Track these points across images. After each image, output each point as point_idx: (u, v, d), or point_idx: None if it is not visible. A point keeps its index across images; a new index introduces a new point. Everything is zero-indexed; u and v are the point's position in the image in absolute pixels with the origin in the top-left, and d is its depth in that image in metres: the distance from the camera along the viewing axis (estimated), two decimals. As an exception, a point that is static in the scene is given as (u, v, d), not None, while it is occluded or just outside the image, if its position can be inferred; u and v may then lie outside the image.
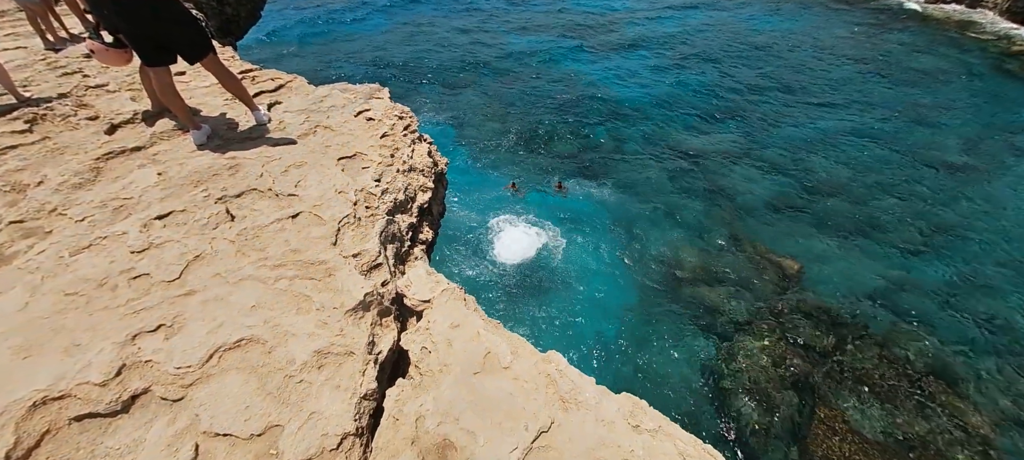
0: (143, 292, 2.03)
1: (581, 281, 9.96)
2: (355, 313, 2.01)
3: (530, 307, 9.40)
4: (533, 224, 11.28)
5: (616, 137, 15.42)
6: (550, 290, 9.73)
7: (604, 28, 26.96)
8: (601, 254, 10.62)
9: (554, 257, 10.43)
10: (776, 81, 19.74)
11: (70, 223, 2.42)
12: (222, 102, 3.55)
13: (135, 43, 2.71)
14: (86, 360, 1.78)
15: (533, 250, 10.51)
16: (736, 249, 10.71)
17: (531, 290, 9.71)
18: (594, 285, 9.88)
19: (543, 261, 10.33)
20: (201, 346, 1.82)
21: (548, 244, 10.73)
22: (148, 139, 2.96)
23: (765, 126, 16.05)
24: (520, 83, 19.36)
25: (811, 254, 10.59)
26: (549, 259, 10.38)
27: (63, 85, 3.66)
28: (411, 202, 3.14)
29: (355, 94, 3.99)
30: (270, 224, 2.36)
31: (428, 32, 25.65)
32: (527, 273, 10.07)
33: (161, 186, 2.55)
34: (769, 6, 31.43)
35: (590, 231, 11.26)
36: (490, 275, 10.05)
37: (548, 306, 9.41)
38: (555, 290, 9.73)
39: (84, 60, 4.29)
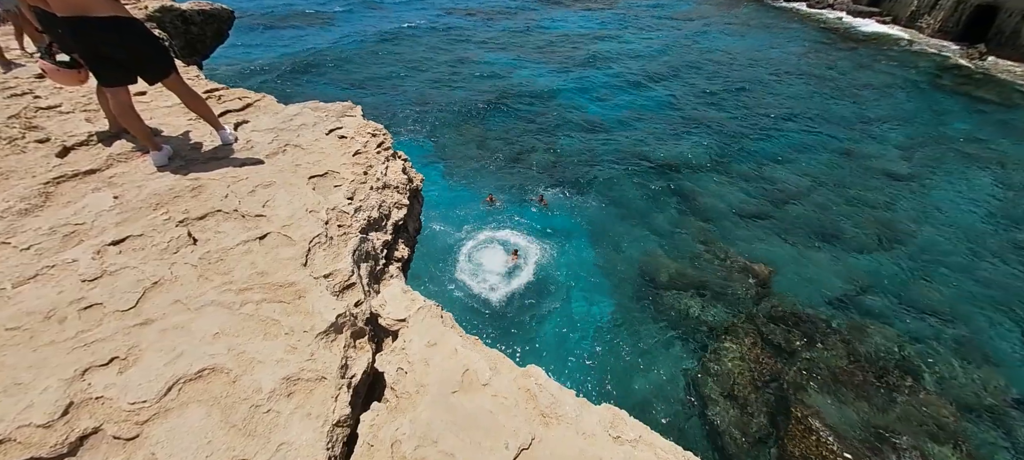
0: (95, 323, 1.90)
1: (560, 293, 10.00)
2: (327, 336, 1.94)
3: (509, 322, 9.34)
4: (511, 238, 11.30)
5: (589, 151, 15.78)
6: (529, 304, 9.72)
7: (572, 46, 27.83)
8: (579, 266, 10.73)
9: (533, 270, 10.45)
10: (737, 96, 20.80)
11: (14, 252, 2.25)
12: (185, 122, 3.42)
13: (91, 63, 2.60)
14: (28, 400, 1.63)
15: (512, 264, 10.50)
16: (710, 256, 11.03)
17: (510, 304, 9.67)
18: (573, 297, 9.94)
19: (522, 275, 10.33)
20: (158, 379, 1.71)
21: (526, 257, 10.75)
22: (104, 161, 2.81)
23: (729, 138, 16.81)
24: (493, 100, 19.61)
25: (780, 259, 11.03)
26: (528, 272, 10.39)
27: (11, 107, 3.45)
28: (386, 219, 3.09)
29: (327, 112, 3.93)
30: (235, 246, 2.26)
31: (401, 51, 25.76)
32: (506, 287, 10.04)
33: (117, 210, 2.41)
34: (727, 27, 33.32)
35: (567, 243, 11.38)
36: (469, 291, 9.97)
37: (528, 320, 9.39)
38: (534, 303, 9.73)
39: (34, 81, 4.08)
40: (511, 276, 10.26)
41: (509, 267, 10.59)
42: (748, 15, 37.24)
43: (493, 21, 33.80)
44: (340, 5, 36.02)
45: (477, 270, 10.40)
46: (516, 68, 23.84)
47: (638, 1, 42.87)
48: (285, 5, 36.01)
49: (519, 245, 11.08)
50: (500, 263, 10.55)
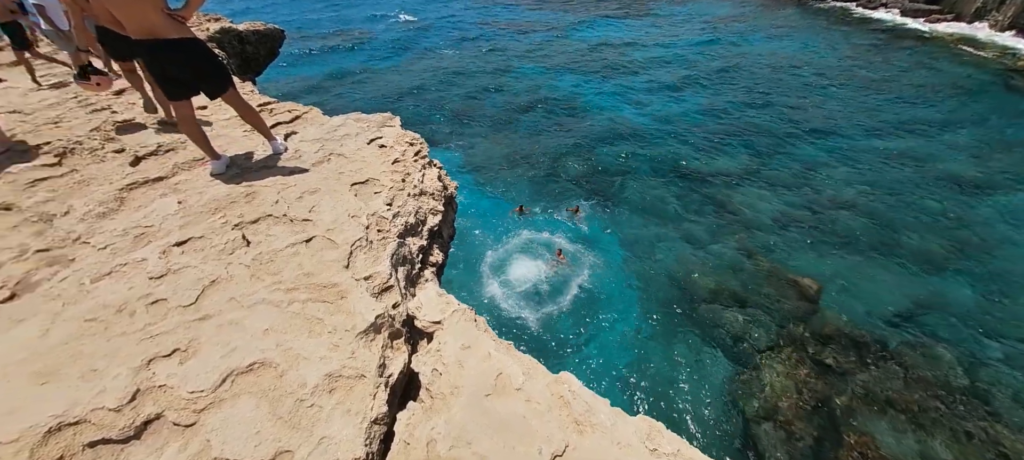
0: (160, 317, 2.06)
1: (593, 303, 9.83)
2: (366, 335, 2.01)
3: (541, 329, 9.27)
4: (544, 246, 11.26)
5: (623, 160, 15.52)
6: (562, 312, 9.61)
7: (604, 55, 27.63)
8: (613, 276, 10.51)
9: (565, 279, 10.34)
10: (780, 101, 19.85)
11: (93, 251, 2.49)
12: (241, 133, 3.69)
13: (159, 80, 2.86)
14: (102, 386, 1.79)
15: (544, 272, 10.45)
16: (752, 269, 10.51)
17: (542, 312, 9.60)
18: (607, 307, 9.74)
19: (554, 283, 10.25)
20: (214, 370, 1.83)
21: (559, 266, 10.66)
22: (170, 169, 3.07)
23: (771, 146, 16.04)
24: (526, 110, 19.76)
25: (829, 273, 10.34)
26: (560, 281, 10.29)
27: (92, 121, 3.85)
28: (422, 225, 3.18)
29: (368, 123, 4.11)
30: (284, 248, 2.40)
31: (438, 64, 26.54)
32: (538, 295, 9.98)
33: (181, 214, 2.63)
34: (769, 30, 31.99)
35: (601, 253, 11.19)
36: (500, 297, 9.99)
37: (560, 328, 9.28)
38: (567, 312, 9.60)
39: (112, 97, 4.52)
40: (545, 282, 10.20)
41: (552, 269, 10.55)
42: (791, 18, 35.65)
43: (527, 34, 34.21)
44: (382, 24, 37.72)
45: (507, 277, 10.43)
46: (549, 78, 23.96)
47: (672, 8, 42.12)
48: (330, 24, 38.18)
49: (562, 246, 11.04)
50: (531, 271, 10.53)
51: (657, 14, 39.54)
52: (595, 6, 44.78)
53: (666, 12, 40.31)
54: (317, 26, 37.12)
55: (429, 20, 39.07)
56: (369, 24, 37.59)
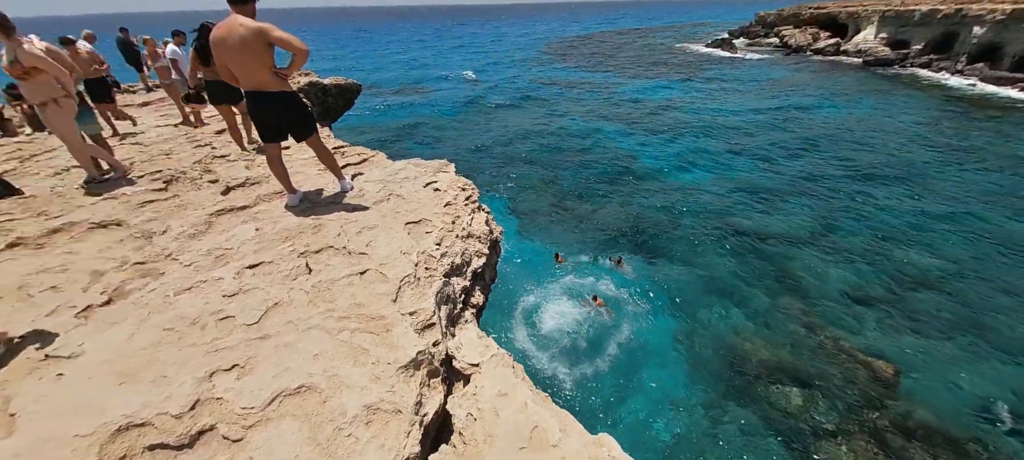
0: (226, 332, 2.24)
1: (635, 362, 9.26)
2: (407, 370, 2.04)
3: (579, 383, 8.82)
4: (584, 295, 10.97)
5: (670, 215, 15.12)
6: (602, 368, 9.12)
7: (653, 113, 27.88)
8: (658, 335, 9.93)
9: (606, 335, 9.90)
10: (845, 165, 18.69)
11: (180, 267, 2.80)
12: (315, 172, 4.09)
13: (257, 124, 3.30)
14: (169, 392, 1.94)
15: (584, 325, 10.10)
16: (815, 344, 9.50)
17: (581, 365, 9.17)
18: (650, 368, 9.13)
19: (594, 337, 9.83)
20: (266, 389, 1.93)
21: (600, 320, 10.27)
22: (253, 200, 3.45)
23: (837, 210, 14.92)
24: (575, 163, 20.13)
25: (908, 357, 9.09)
26: (601, 336, 9.86)
27: (196, 155, 4.46)
28: (466, 266, 3.26)
29: (426, 168, 4.40)
30: (341, 279, 2.56)
31: (494, 118, 28.16)
32: (576, 347, 9.59)
33: (256, 240, 2.91)
34: (828, 93, 30.86)
35: (645, 309, 10.68)
36: (537, 345, 9.71)
37: (599, 384, 8.77)
38: (607, 368, 9.10)
39: (214, 136, 5.23)
40: (584, 334, 9.84)
41: (589, 313, 10.21)
42: (852, 82, 34.29)
43: (579, 93, 35.63)
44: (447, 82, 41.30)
45: (545, 325, 10.18)
46: (598, 133, 24.46)
47: (725, 71, 42.20)
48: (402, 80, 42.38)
49: (602, 296, 10.73)
50: (570, 320, 10.22)
51: (710, 77, 39.74)
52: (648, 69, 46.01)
53: (719, 75, 40.42)
54: (390, 82, 41.33)
55: (490, 79, 42.09)
56: (435, 81, 41.18)
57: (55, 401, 1.91)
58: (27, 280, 2.75)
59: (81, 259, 2.94)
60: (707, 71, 42.99)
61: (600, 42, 74.55)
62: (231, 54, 2.96)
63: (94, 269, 2.82)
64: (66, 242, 3.16)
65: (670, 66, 47.16)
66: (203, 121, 6.22)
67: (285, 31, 2.93)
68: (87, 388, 1.97)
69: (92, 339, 2.24)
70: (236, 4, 2.95)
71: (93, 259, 2.93)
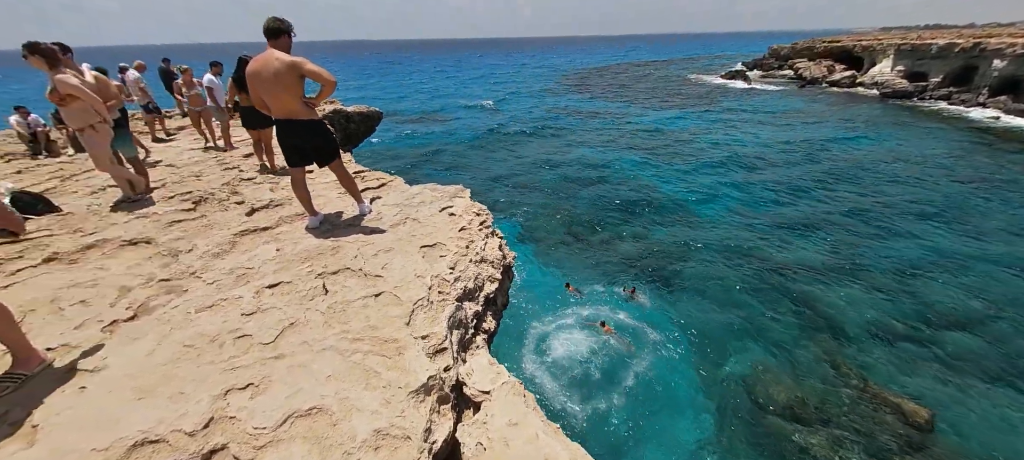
0: (243, 351, 2.28)
1: (650, 398, 8.94)
2: (417, 395, 2.03)
3: (591, 415, 8.52)
4: (597, 327, 10.76)
5: (686, 244, 14.88)
6: (615, 403, 8.82)
7: (669, 144, 27.92)
8: (674, 370, 9.60)
9: (620, 366, 9.63)
10: (867, 196, 18.25)
11: (203, 285, 2.88)
12: (336, 195, 4.22)
13: (285, 149, 3.45)
14: (185, 409, 1.97)
15: (597, 355, 9.86)
16: (841, 383, 9.04)
17: (593, 399, 8.89)
18: (664, 403, 8.79)
19: (608, 369, 9.57)
20: (278, 409, 1.94)
21: (612, 351, 10.02)
22: (276, 221, 3.56)
23: (861, 244, 14.46)
24: (588, 190, 20.18)
25: (943, 399, 8.55)
26: (615, 368, 9.59)
27: (224, 177, 4.65)
28: (479, 291, 3.26)
29: (442, 193, 4.48)
30: (356, 300, 2.59)
31: (509, 145, 28.68)
32: (589, 379, 9.33)
33: (277, 260, 2.99)
34: (846, 125, 30.53)
35: (661, 342, 10.38)
36: (548, 375, 9.48)
37: (612, 420, 8.47)
38: (620, 403, 8.80)
39: (242, 159, 5.46)
40: (596, 365, 9.58)
41: (603, 344, 9.99)
42: (871, 114, 33.92)
43: (593, 122, 36.13)
44: (464, 110, 42.53)
45: (556, 354, 9.97)
46: (611, 161, 24.59)
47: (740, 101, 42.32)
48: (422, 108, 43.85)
49: (614, 326, 10.52)
50: (582, 351, 10.00)
51: (726, 108, 39.87)
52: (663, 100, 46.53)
53: (735, 106, 40.53)
54: (411, 110, 42.81)
55: (507, 108, 43.15)
56: (454, 110, 42.43)
57: (76, 414, 1.95)
58: (59, 294, 2.86)
59: (111, 275, 3.06)
60: (722, 102, 43.18)
61: (615, 74, 75.99)
62: (265, 85, 3.15)
63: (122, 285, 2.92)
64: (98, 258, 3.30)
65: (685, 97, 47.59)
66: (233, 145, 6.52)
67: (316, 64, 3.11)
68: (107, 402, 2.01)
69: (116, 353, 2.30)
70: (272, 39, 3.17)
71: (122, 275, 3.04)
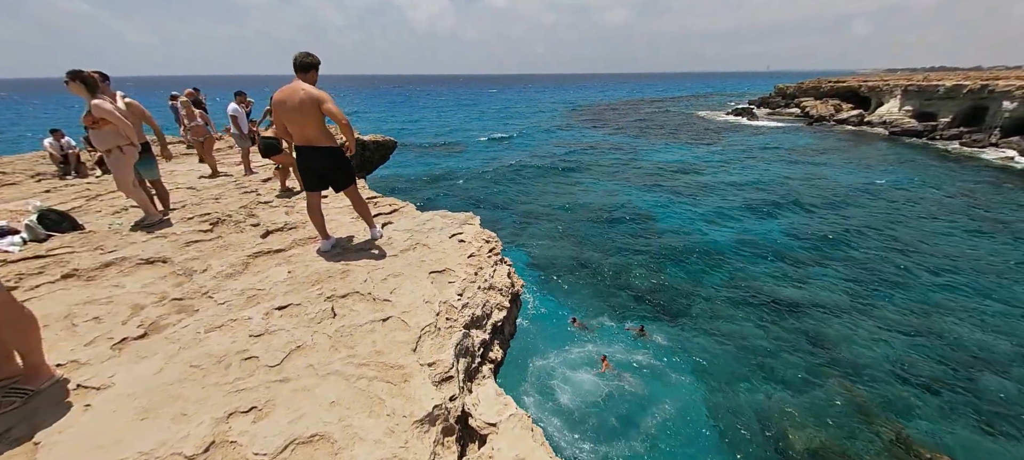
0: (248, 373, 2.25)
1: (663, 437, 8.55)
2: (421, 425, 1.97)
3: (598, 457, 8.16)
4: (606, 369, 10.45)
5: (696, 279, 14.62)
6: (622, 445, 8.45)
7: (678, 178, 28.01)
8: (685, 409, 9.22)
9: (628, 406, 9.28)
10: (880, 233, 17.89)
11: (214, 305, 2.90)
12: (349, 220, 4.27)
13: (303, 174, 3.55)
14: (186, 431, 1.93)
15: (604, 392, 9.54)
16: (863, 428, 8.57)
17: (599, 440, 8.53)
18: (675, 446, 8.39)
19: (616, 406, 9.23)
20: (280, 435, 1.90)
21: (620, 390, 9.69)
22: (289, 243, 3.61)
23: (878, 282, 14.06)
24: (596, 222, 20.16)
25: (975, 451, 8.02)
26: (622, 407, 9.25)
27: (242, 200, 4.76)
28: (486, 319, 3.22)
29: (452, 220, 4.52)
30: (364, 324, 2.57)
31: (519, 175, 29.06)
32: (597, 417, 8.99)
33: (288, 282, 3.01)
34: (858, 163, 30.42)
35: (670, 380, 10.03)
36: (553, 410, 9.17)
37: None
38: (628, 446, 8.42)
39: (260, 184, 5.60)
40: (604, 404, 9.25)
41: (610, 381, 9.70)
42: (881, 152, 33.77)
43: (602, 153, 36.59)
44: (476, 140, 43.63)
45: (562, 390, 9.66)
46: (619, 193, 24.68)
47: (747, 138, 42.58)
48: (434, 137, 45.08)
49: (620, 364, 10.22)
50: (589, 386, 9.69)
51: (733, 143, 40.14)
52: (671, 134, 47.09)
53: (742, 141, 40.78)
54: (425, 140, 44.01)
55: (516, 139, 44.08)
56: (468, 141, 43.49)
57: (79, 433, 1.93)
58: (74, 309, 2.90)
59: (126, 292, 3.10)
60: (729, 137, 43.52)
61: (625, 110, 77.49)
62: (289, 114, 3.29)
63: (136, 303, 2.95)
64: (115, 275, 3.36)
65: (693, 132, 48.11)
66: (252, 170, 6.73)
67: (336, 105, 3.29)
68: (111, 422, 1.99)
69: (123, 371, 2.29)
70: (300, 72, 3.34)
71: (136, 293, 3.08)
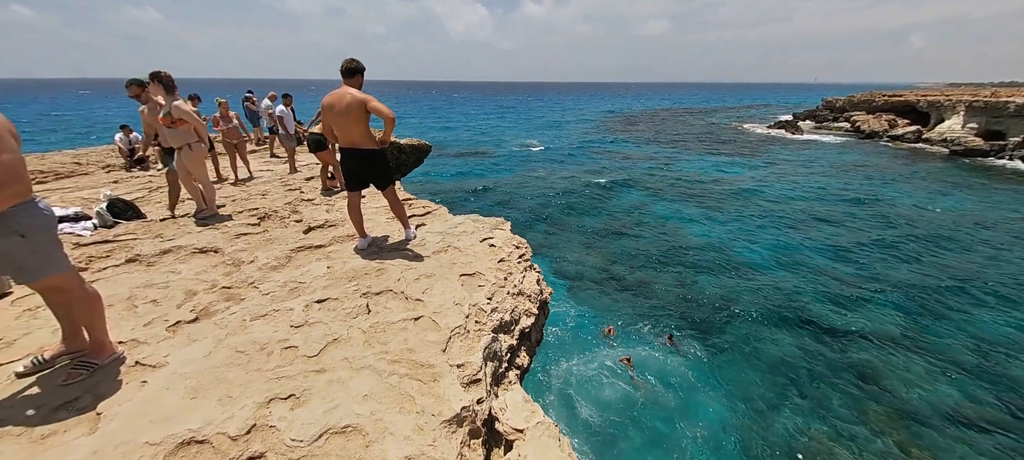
0: (288, 362, 2.36)
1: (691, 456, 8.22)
2: (449, 425, 2.00)
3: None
4: (631, 378, 10.20)
5: (729, 294, 14.02)
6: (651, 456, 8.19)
7: (714, 191, 27.06)
8: (713, 433, 8.83)
9: (654, 421, 8.99)
10: (940, 263, 16.53)
11: (259, 295, 3.07)
12: (385, 220, 4.41)
13: (346, 175, 3.71)
14: (231, 412, 2.05)
15: (629, 406, 9.29)
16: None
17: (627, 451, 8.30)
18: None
19: (640, 422, 8.96)
20: (315, 424, 1.97)
21: (646, 403, 9.41)
22: (328, 240, 3.76)
23: (935, 313, 12.98)
24: (626, 232, 19.79)
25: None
26: (648, 421, 8.96)
27: (287, 197, 5.02)
28: (515, 324, 3.23)
29: (483, 224, 4.57)
30: (396, 322, 2.64)
31: (550, 182, 29.04)
32: (621, 433, 8.76)
33: (326, 277, 3.14)
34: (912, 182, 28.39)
35: (700, 400, 9.65)
36: (576, 421, 9.02)
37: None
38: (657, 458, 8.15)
39: (304, 182, 5.88)
40: (632, 414, 9.01)
41: (626, 386, 9.54)
42: (941, 172, 31.29)
43: (636, 163, 35.97)
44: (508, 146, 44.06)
45: (587, 399, 9.49)
46: (652, 204, 24.13)
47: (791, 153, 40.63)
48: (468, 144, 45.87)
49: (641, 381, 9.95)
50: (615, 396, 9.47)
51: (774, 157, 38.44)
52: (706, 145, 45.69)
53: (784, 156, 38.99)
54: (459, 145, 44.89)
55: (548, 146, 44.12)
56: (499, 147, 43.96)
57: (135, 407, 2.08)
58: (135, 292, 3.15)
59: (180, 278, 3.33)
60: (770, 151, 41.70)
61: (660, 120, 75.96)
62: (336, 118, 3.46)
63: (189, 288, 3.16)
64: (172, 262, 3.62)
65: (732, 144, 46.47)
66: (297, 169, 7.09)
67: (381, 102, 3.43)
68: (163, 398, 2.14)
69: (176, 352, 2.46)
70: (347, 77, 3.52)
71: (190, 279, 3.30)
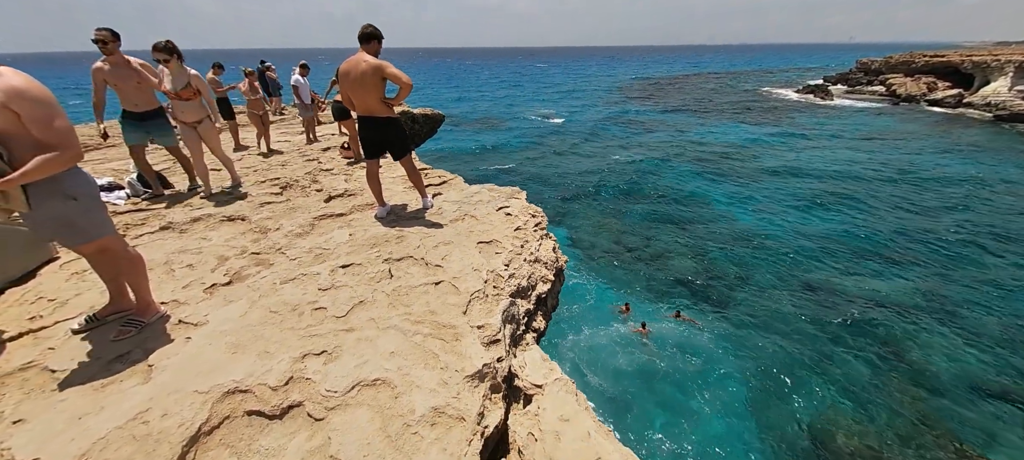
0: (319, 321, 2.50)
1: (705, 423, 8.41)
2: (472, 380, 2.11)
3: (638, 438, 8.20)
4: (646, 346, 10.35)
5: (744, 266, 13.86)
6: (660, 429, 8.42)
7: (735, 161, 26.25)
8: (728, 403, 8.97)
9: (668, 391, 9.18)
10: (977, 233, 15.89)
11: (286, 261, 3.21)
12: (402, 189, 4.49)
13: (364, 143, 3.76)
14: (269, 366, 2.20)
15: (642, 376, 9.48)
16: (935, 445, 7.92)
17: (637, 426, 8.54)
18: (721, 437, 8.22)
19: (654, 392, 9.16)
20: (348, 376, 2.11)
21: (661, 374, 9.57)
22: (349, 209, 3.87)
23: (967, 286, 12.61)
24: (643, 202, 19.55)
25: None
26: (662, 392, 9.16)
27: (306, 167, 5.13)
28: (532, 290, 3.31)
29: (499, 193, 4.60)
30: (417, 286, 2.75)
31: (566, 152, 28.65)
32: (637, 397, 8.99)
33: (349, 244, 3.25)
34: (948, 150, 26.84)
35: (716, 371, 9.76)
36: (593, 387, 9.27)
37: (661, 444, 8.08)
38: (667, 433, 8.37)
39: (321, 153, 5.98)
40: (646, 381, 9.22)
41: (640, 353, 9.82)
42: (983, 138, 29.49)
43: (654, 131, 35.04)
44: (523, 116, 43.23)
45: (602, 366, 9.72)
46: (670, 173, 23.65)
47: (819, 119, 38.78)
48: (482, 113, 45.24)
49: (654, 353, 10.11)
50: (631, 364, 9.67)
51: (802, 124, 36.84)
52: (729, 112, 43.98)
53: (812, 122, 37.31)
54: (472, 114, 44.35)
55: (564, 116, 43.17)
56: (514, 116, 43.27)
57: (182, 360, 2.26)
58: (171, 257, 3.33)
59: (212, 245, 3.50)
60: (798, 117, 39.94)
61: (682, 85, 73.15)
62: (352, 85, 3.47)
63: (221, 254, 3.33)
64: (202, 229, 3.79)
65: (756, 110, 44.63)
66: (316, 138, 7.19)
67: (397, 68, 3.41)
68: (208, 353, 2.30)
69: (215, 312, 2.63)
70: (364, 43, 3.50)
71: (221, 246, 3.46)
